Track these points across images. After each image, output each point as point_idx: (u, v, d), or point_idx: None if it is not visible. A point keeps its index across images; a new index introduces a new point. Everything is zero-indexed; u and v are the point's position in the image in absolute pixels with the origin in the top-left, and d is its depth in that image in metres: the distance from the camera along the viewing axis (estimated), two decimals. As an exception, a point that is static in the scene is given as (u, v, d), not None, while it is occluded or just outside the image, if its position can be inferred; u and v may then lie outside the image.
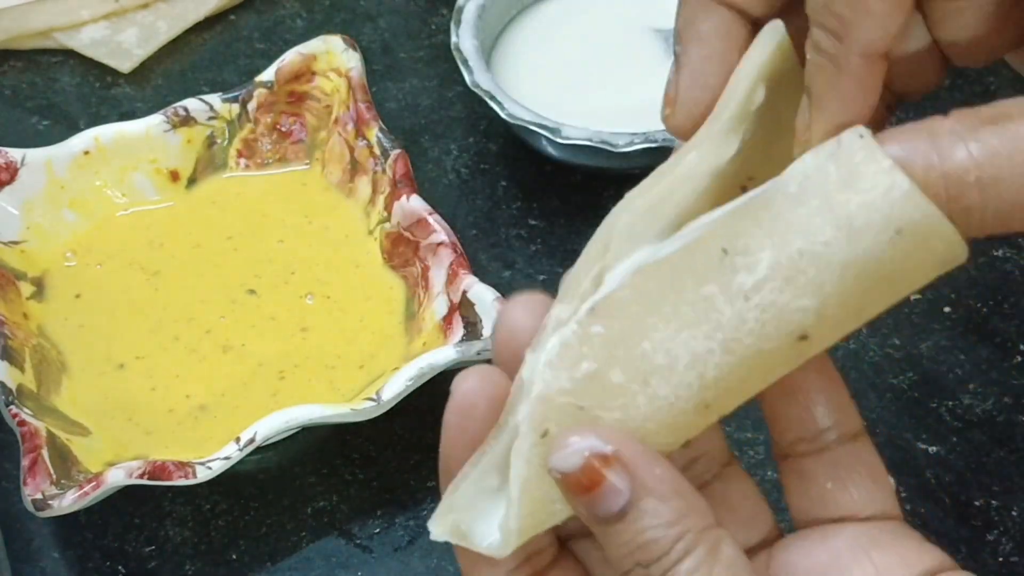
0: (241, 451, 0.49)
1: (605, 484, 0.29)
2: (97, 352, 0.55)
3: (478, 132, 0.65)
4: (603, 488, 0.29)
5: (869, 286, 0.29)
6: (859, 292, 0.30)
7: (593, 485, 0.29)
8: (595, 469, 0.29)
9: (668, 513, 0.29)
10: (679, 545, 0.29)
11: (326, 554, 0.52)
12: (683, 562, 0.29)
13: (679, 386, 0.30)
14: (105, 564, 0.52)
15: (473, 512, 0.31)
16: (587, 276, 0.32)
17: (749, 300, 0.30)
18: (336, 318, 0.56)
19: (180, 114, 0.60)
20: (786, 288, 0.29)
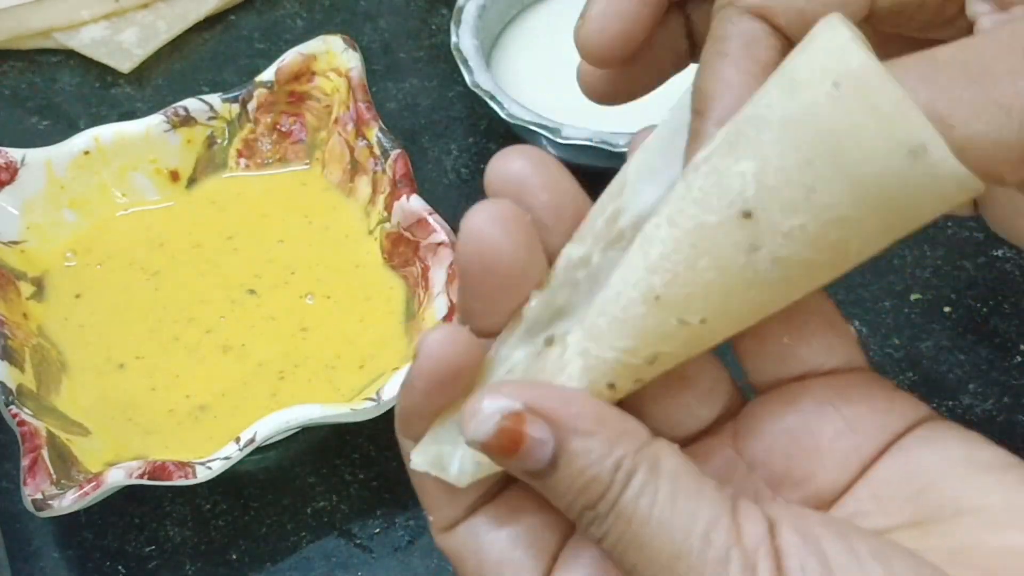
0: (241, 451, 0.49)
1: (526, 440, 0.28)
2: (97, 352, 0.55)
3: (478, 132, 0.65)
4: (526, 445, 0.28)
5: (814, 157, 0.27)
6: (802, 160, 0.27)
7: (515, 445, 0.28)
8: (512, 429, 0.28)
9: (598, 446, 0.28)
10: (619, 475, 0.28)
11: (326, 554, 0.52)
12: (626, 490, 0.28)
13: (625, 271, 0.29)
14: (105, 564, 0.52)
15: (454, 445, 0.30)
16: (601, 216, 0.31)
17: (696, 171, 0.28)
18: (336, 318, 0.56)
19: (180, 114, 0.60)
20: (728, 153, 0.28)
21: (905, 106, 0.26)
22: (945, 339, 0.56)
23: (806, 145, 0.27)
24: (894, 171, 0.27)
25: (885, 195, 0.27)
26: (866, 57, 0.27)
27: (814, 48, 0.27)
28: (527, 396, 0.28)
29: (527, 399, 0.28)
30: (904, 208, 0.28)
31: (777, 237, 0.28)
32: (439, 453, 0.31)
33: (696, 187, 0.28)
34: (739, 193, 0.28)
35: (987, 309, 0.57)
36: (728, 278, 0.28)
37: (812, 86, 0.27)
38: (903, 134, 0.26)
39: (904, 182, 0.27)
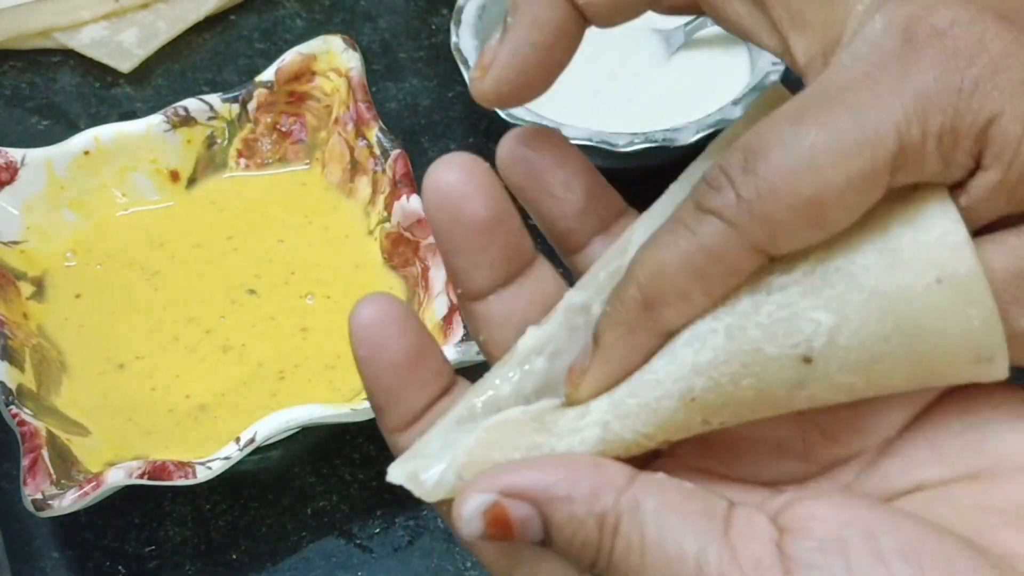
0: (241, 451, 0.49)
1: (515, 523, 0.29)
2: (97, 352, 0.55)
3: (478, 132, 0.65)
4: (517, 526, 0.29)
5: (892, 331, 0.28)
6: (880, 332, 0.28)
7: (508, 531, 0.29)
8: (498, 519, 0.29)
9: (580, 508, 0.28)
10: (605, 532, 0.28)
11: (326, 554, 0.52)
12: (615, 545, 0.28)
13: (671, 363, 0.30)
14: (105, 564, 0.52)
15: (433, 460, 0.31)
16: (604, 270, 0.32)
17: (771, 295, 0.29)
18: (336, 318, 0.56)
19: (180, 114, 0.60)
20: (809, 295, 0.28)
21: (994, 321, 0.28)
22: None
23: (890, 322, 0.28)
24: (958, 370, 0.28)
25: (938, 379, 0.29)
26: (975, 266, 0.27)
27: (929, 232, 0.28)
28: (501, 483, 0.29)
29: (501, 485, 0.29)
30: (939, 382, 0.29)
31: (825, 385, 0.29)
32: (415, 468, 0.31)
33: (764, 312, 0.29)
34: (807, 339, 0.28)
35: (987, 309, 0.57)
36: (763, 402, 0.29)
37: (915, 271, 0.28)
38: (981, 344, 0.28)
39: (960, 377, 0.29)
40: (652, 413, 0.30)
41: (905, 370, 0.28)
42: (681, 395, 0.29)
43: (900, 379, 0.29)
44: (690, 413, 0.30)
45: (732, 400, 0.29)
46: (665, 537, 0.28)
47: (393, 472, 0.31)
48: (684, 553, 0.28)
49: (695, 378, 0.29)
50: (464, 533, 0.29)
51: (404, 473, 0.31)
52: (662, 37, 0.64)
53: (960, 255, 0.27)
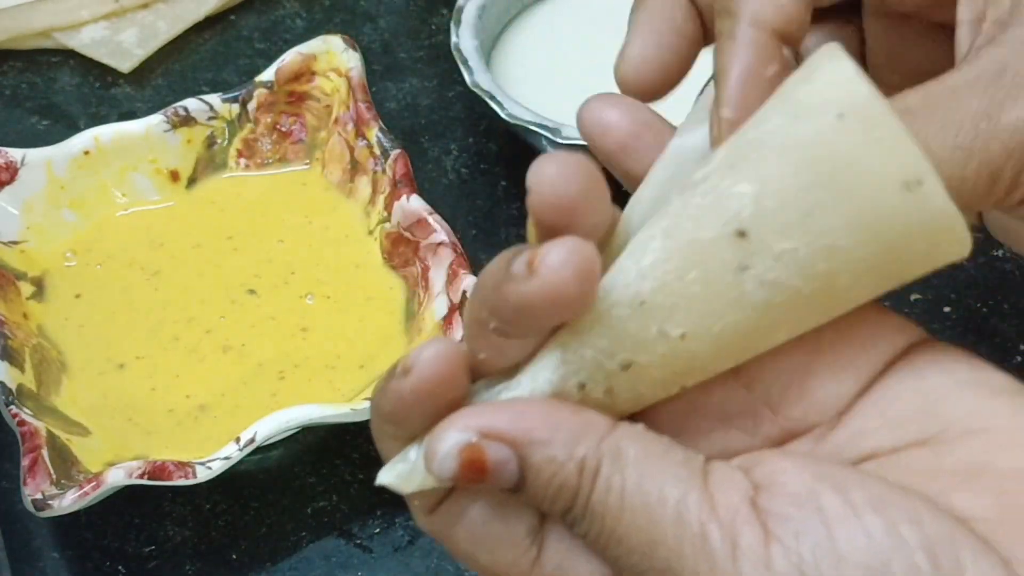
0: (241, 451, 0.49)
1: (490, 465, 0.28)
2: (97, 352, 0.55)
3: (478, 132, 0.65)
4: (491, 469, 0.28)
5: (814, 182, 0.28)
6: (802, 185, 0.27)
7: (481, 472, 0.28)
8: (473, 459, 0.28)
9: (558, 452, 0.28)
10: (584, 475, 0.28)
11: (326, 554, 0.52)
12: (594, 489, 0.28)
13: (617, 275, 0.29)
14: (105, 564, 0.52)
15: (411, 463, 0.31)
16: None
17: (696, 188, 0.29)
18: (336, 318, 0.56)
19: (180, 114, 0.60)
20: (729, 174, 0.28)
21: (905, 140, 0.27)
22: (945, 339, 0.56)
23: (806, 171, 0.28)
24: (889, 202, 0.27)
25: (878, 226, 0.28)
26: (871, 91, 0.27)
27: (820, 77, 0.28)
28: (480, 422, 0.29)
29: (480, 425, 0.29)
30: (895, 246, 0.28)
31: (768, 259, 0.28)
32: (404, 470, 0.31)
33: (694, 204, 0.29)
34: (735, 213, 0.28)
35: (987, 309, 0.57)
36: (714, 294, 0.29)
37: (817, 114, 0.27)
38: (901, 166, 0.27)
39: (897, 214, 0.28)
40: (603, 322, 0.29)
41: (842, 224, 0.28)
42: (631, 302, 0.29)
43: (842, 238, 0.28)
44: (644, 320, 0.29)
45: (682, 298, 0.29)
46: (646, 482, 0.28)
47: (381, 476, 0.31)
48: (664, 498, 0.27)
49: (641, 282, 0.29)
50: (435, 470, 0.28)
51: (392, 474, 0.31)
52: (662, 37, 0.64)
53: (853, 85, 0.27)
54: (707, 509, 0.27)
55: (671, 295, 0.29)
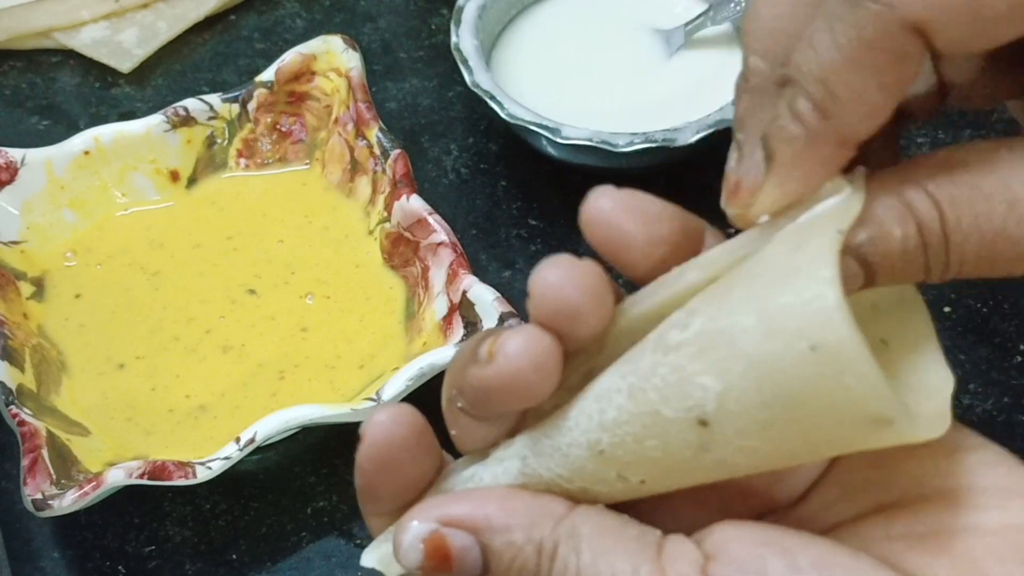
0: (241, 451, 0.49)
1: (454, 551, 0.29)
2: (97, 352, 0.55)
3: (478, 132, 0.65)
4: (456, 556, 0.29)
5: (775, 400, 0.27)
6: (764, 400, 0.27)
7: (446, 561, 0.29)
8: (437, 548, 0.29)
9: (518, 535, 0.29)
10: (543, 557, 0.29)
11: (326, 554, 0.52)
12: (553, 570, 0.29)
13: (581, 412, 0.29)
14: (105, 564, 0.52)
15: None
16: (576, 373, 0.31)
17: (667, 355, 0.28)
18: (336, 318, 0.56)
19: (180, 114, 0.60)
20: (698, 358, 0.28)
21: (878, 384, 0.26)
22: (945, 339, 0.56)
23: (770, 390, 0.27)
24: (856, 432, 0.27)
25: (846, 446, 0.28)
26: (850, 331, 0.26)
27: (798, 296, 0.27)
28: (440, 512, 0.29)
29: (440, 515, 0.29)
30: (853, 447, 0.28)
31: (728, 448, 0.28)
32: (387, 551, 0.31)
33: (660, 375, 0.28)
34: (698, 402, 0.28)
35: (987, 309, 0.57)
36: (673, 462, 0.29)
37: (790, 339, 0.26)
38: (872, 407, 0.27)
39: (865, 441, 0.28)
40: (564, 458, 0.30)
41: (799, 437, 0.28)
42: (590, 446, 0.29)
43: (800, 446, 0.28)
44: (601, 465, 0.29)
45: (641, 458, 0.29)
46: (599, 559, 0.28)
47: (365, 557, 0.32)
48: (616, 574, 0.28)
49: (602, 433, 0.29)
50: (404, 562, 0.29)
51: (376, 556, 0.32)
52: (662, 37, 0.64)
53: (831, 323, 0.26)
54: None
55: (630, 453, 0.29)
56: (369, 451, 0.31)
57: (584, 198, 0.32)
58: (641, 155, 0.57)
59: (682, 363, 0.28)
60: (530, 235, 0.61)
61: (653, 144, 0.57)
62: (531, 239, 0.61)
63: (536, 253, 0.60)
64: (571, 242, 0.60)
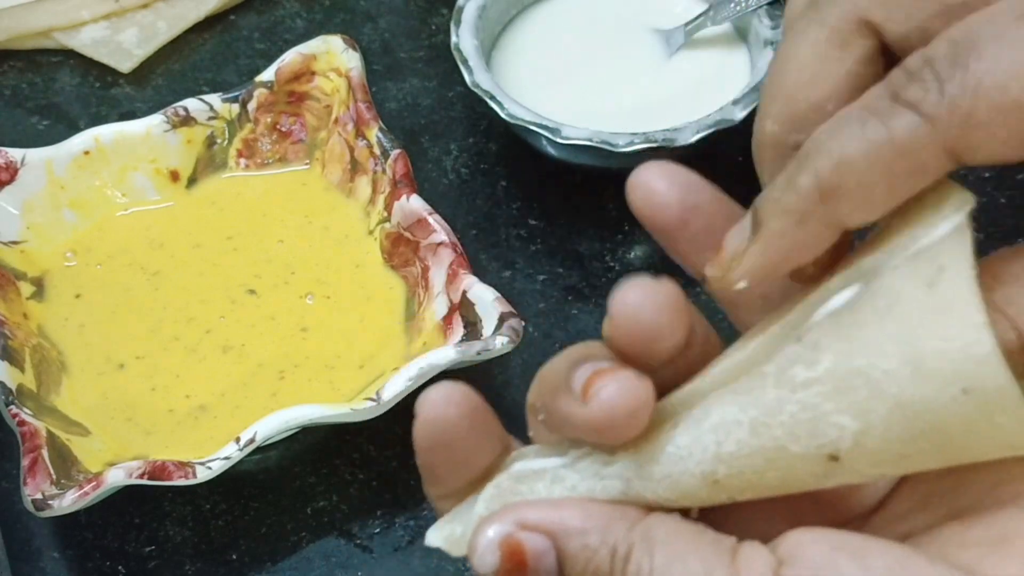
0: (241, 451, 0.49)
1: (529, 554, 0.29)
2: (97, 352, 0.55)
3: (478, 132, 0.65)
4: (531, 558, 0.29)
5: (920, 436, 0.27)
6: (907, 437, 0.27)
7: (522, 563, 0.29)
8: (513, 551, 0.29)
9: (593, 538, 0.29)
10: (616, 560, 0.29)
11: (326, 554, 0.52)
12: (627, 573, 0.29)
13: (695, 443, 0.29)
14: (105, 564, 0.52)
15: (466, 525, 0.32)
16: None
17: (795, 393, 0.28)
18: (336, 318, 0.56)
19: (180, 114, 0.60)
20: (833, 398, 0.28)
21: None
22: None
23: (916, 429, 0.27)
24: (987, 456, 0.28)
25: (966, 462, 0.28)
26: (1006, 379, 0.26)
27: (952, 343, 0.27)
28: (518, 516, 0.30)
29: (518, 518, 0.30)
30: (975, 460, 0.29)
31: (853, 475, 0.29)
32: (452, 531, 0.32)
33: (788, 412, 0.28)
34: (832, 441, 0.28)
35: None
36: (790, 487, 0.29)
37: (940, 383, 0.27)
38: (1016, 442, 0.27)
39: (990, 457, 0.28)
40: (674, 484, 0.30)
41: (932, 462, 0.28)
42: (704, 476, 0.29)
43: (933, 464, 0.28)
44: (714, 491, 0.30)
45: (756, 486, 0.29)
46: (673, 562, 0.28)
47: (430, 536, 0.32)
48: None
49: (718, 465, 0.29)
50: (479, 567, 0.29)
51: (442, 536, 0.32)
52: (662, 37, 0.64)
53: (987, 368, 0.26)
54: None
55: (746, 482, 0.29)
56: (422, 429, 0.31)
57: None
58: (641, 155, 0.57)
59: (814, 402, 0.28)
60: (530, 235, 0.61)
61: (653, 144, 0.57)
62: (531, 239, 0.61)
63: (536, 253, 0.60)
64: (571, 242, 0.60)
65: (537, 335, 0.57)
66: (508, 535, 0.29)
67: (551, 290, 0.59)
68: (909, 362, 0.27)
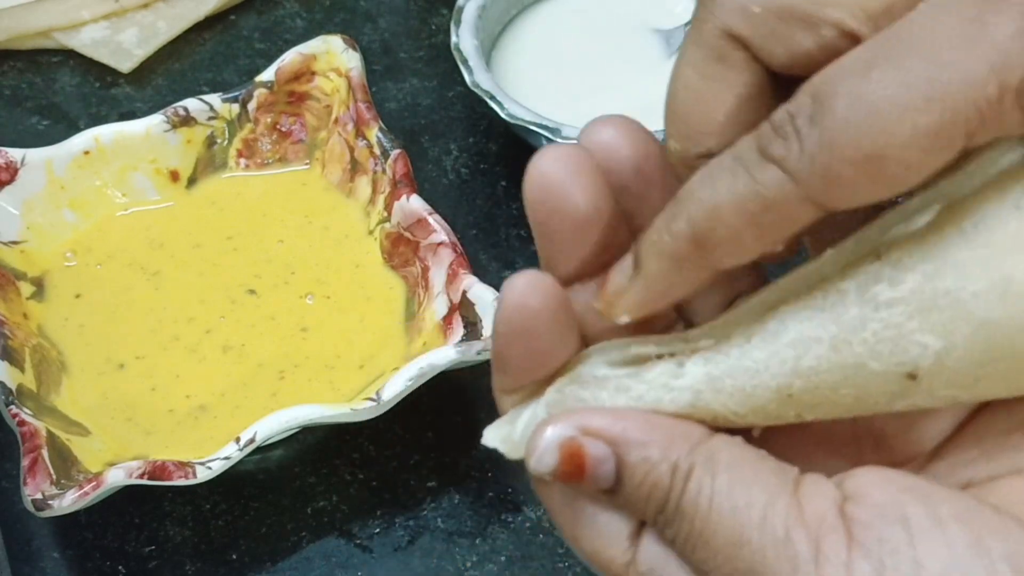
0: (241, 451, 0.49)
1: (589, 461, 0.29)
2: (97, 352, 0.55)
3: (478, 132, 0.65)
4: (590, 465, 0.29)
5: (999, 359, 0.28)
6: (986, 360, 0.28)
7: (580, 468, 0.29)
8: (573, 454, 0.29)
9: (654, 453, 0.29)
10: (676, 476, 0.29)
11: (326, 554, 0.52)
12: (686, 490, 0.28)
13: (773, 357, 0.30)
14: (105, 564, 0.52)
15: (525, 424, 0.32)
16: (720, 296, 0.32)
17: (878, 311, 0.28)
18: (336, 318, 0.56)
19: (180, 114, 0.60)
20: (917, 316, 0.28)
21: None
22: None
23: (999, 350, 0.28)
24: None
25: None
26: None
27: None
28: (581, 421, 0.29)
29: (581, 423, 0.29)
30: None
31: (927, 397, 0.29)
32: (510, 433, 0.32)
33: (871, 330, 0.29)
34: (913, 359, 0.28)
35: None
36: (860, 407, 0.29)
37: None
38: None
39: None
40: (746, 397, 0.30)
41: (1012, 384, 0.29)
42: (779, 389, 0.30)
43: (1003, 390, 0.29)
44: (784, 406, 0.30)
45: (829, 402, 0.29)
46: (736, 487, 0.28)
47: (488, 435, 0.32)
48: (752, 503, 0.28)
49: (794, 379, 0.29)
50: (534, 464, 0.29)
51: (499, 436, 0.32)
52: (662, 37, 0.64)
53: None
54: (794, 515, 0.28)
55: (819, 397, 0.29)
56: (504, 314, 0.31)
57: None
58: (641, 155, 0.57)
59: (898, 320, 0.28)
60: (530, 235, 0.61)
61: (653, 144, 0.57)
62: (531, 239, 0.60)
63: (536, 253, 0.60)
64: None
65: (537, 335, 0.57)
66: (570, 438, 0.29)
67: (551, 290, 0.59)
68: (997, 284, 0.28)
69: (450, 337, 0.52)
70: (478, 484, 0.54)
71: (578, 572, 0.51)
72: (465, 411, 0.55)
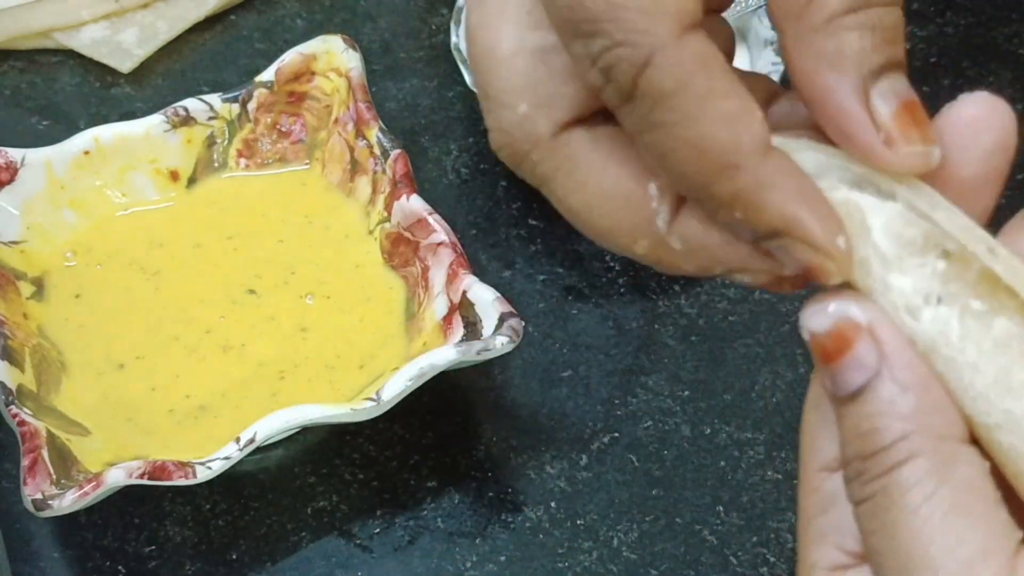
0: (241, 451, 0.49)
1: (850, 354, 0.27)
2: (97, 352, 0.55)
3: (478, 132, 0.65)
4: (847, 358, 0.27)
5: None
6: None
7: (839, 353, 0.27)
8: (844, 337, 0.27)
9: (904, 404, 0.26)
10: (902, 444, 0.26)
11: (326, 554, 0.52)
12: (903, 468, 0.26)
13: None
14: (105, 564, 0.52)
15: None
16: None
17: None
18: (336, 318, 0.56)
19: (180, 114, 0.60)
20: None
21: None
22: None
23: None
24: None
25: None
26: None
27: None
28: (874, 317, 0.27)
29: (872, 320, 0.27)
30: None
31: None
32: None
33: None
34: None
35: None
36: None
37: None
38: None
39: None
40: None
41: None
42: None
43: None
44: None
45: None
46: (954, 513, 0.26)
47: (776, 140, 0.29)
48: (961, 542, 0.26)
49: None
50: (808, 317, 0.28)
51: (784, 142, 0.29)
52: (662, 37, 0.64)
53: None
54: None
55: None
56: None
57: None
58: (641, 155, 0.57)
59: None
60: (530, 235, 0.61)
61: (653, 144, 0.57)
62: (531, 239, 0.61)
63: (536, 253, 0.60)
64: (571, 242, 0.60)
65: (537, 335, 0.57)
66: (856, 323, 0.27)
67: (551, 290, 0.59)
68: None
69: (450, 337, 0.52)
70: (478, 484, 0.54)
71: (578, 572, 0.51)
72: (465, 411, 0.55)
